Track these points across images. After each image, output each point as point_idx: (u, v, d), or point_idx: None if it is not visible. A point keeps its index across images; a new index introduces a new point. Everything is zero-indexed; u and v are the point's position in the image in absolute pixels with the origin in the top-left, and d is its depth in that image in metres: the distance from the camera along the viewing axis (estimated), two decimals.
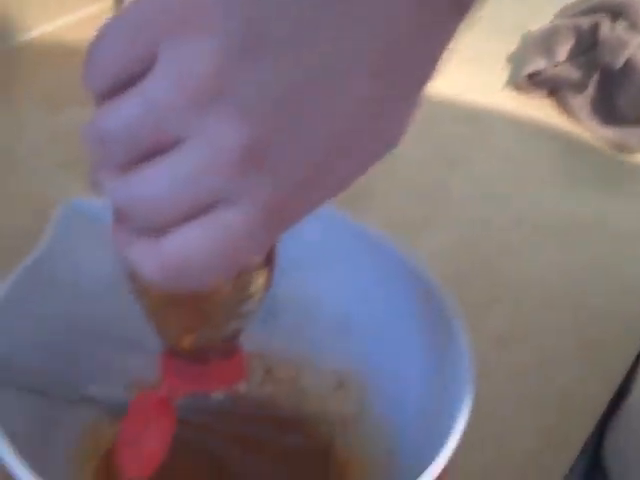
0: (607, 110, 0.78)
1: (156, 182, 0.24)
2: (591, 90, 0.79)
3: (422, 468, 0.31)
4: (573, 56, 0.80)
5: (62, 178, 0.56)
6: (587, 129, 0.78)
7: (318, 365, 0.47)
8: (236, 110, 0.23)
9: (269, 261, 0.32)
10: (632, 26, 0.76)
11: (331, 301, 0.45)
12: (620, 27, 0.77)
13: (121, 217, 0.27)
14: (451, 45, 0.26)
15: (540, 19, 0.85)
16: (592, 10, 0.80)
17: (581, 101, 0.79)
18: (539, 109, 0.81)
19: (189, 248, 0.25)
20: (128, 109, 0.24)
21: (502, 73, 0.85)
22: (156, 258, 0.25)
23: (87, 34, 0.26)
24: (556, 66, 0.80)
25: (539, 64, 0.81)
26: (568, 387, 0.55)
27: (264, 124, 0.23)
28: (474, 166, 0.74)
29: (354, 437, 0.45)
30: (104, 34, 0.25)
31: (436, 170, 0.72)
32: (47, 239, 0.39)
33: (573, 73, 0.79)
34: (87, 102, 0.61)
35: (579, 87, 0.79)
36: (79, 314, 0.41)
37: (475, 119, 0.80)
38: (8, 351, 0.34)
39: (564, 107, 0.80)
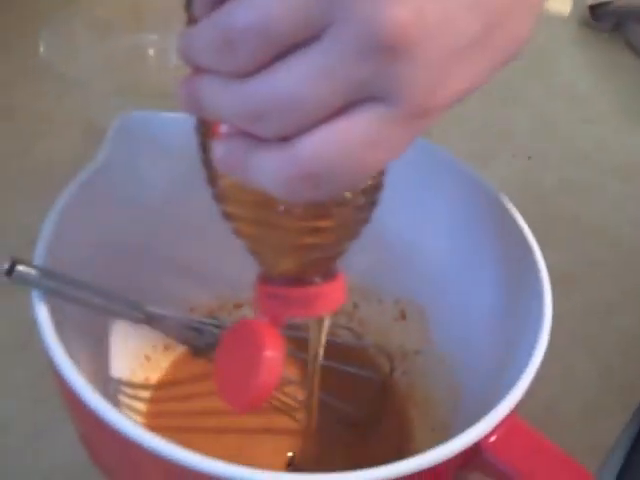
0: None
1: (295, 75, 0.22)
2: None
3: (487, 408, 0.30)
4: None
5: (115, 103, 0.55)
6: None
7: (378, 295, 0.45)
8: None
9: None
10: None
11: (396, 227, 0.43)
12: None
13: (233, 130, 0.24)
14: None
15: None
16: None
17: None
18: (603, 43, 0.78)
19: (330, 151, 0.22)
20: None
21: (565, 6, 0.82)
22: (289, 166, 0.23)
23: None
24: None
25: None
26: (633, 329, 0.53)
27: (415, 3, 0.21)
28: (534, 102, 0.71)
29: (414, 370, 0.44)
30: None
31: (496, 105, 0.70)
32: (104, 151, 0.37)
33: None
34: (139, 28, 0.60)
35: None
36: (137, 231, 0.40)
37: (536, 53, 0.76)
38: (68, 266, 0.33)
39: (629, 41, 0.77)
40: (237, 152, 0.24)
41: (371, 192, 0.29)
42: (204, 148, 0.29)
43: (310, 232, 0.28)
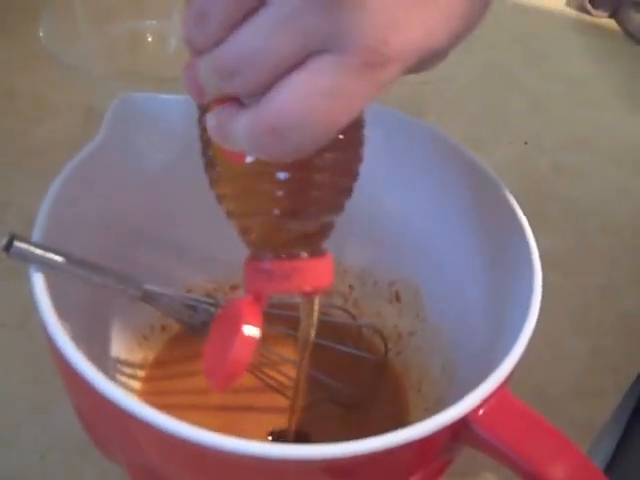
0: None
1: (255, 32, 0.24)
2: None
3: (478, 385, 0.31)
4: None
5: (114, 88, 0.55)
6: None
7: (374, 277, 0.46)
8: None
9: (360, 137, 0.31)
10: None
11: (390, 209, 0.43)
12: None
13: (220, 99, 0.26)
14: None
15: None
16: None
17: None
18: (600, 29, 0.78)
19: (289, 103, 0.24)
20: None
21: None
22: (256, 122, 0.24)
23: None
24: None
25: None
26: (626, 312, 0.53)
27: None
28: (531, 87, 0.71)
29: (409, 351, 0.44)
30: None
31: (492, 90, 0.70)
32: (103, 131, 0.38)
33: None
34: (138, 14, 0.60)
35: None
36: (135, 211, 0.40)
37: (534, 39, 0.77)
38: (66, 244, 0.33)
39: (626, 27, 0.77)
40: (223, 119, 0.26)
41: (346, 150, 0.30)
42: (203, 129, 0.31)
43: (293, 201, 0.29)
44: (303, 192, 0.29)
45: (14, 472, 0.40)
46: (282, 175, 0.28)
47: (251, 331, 0.29)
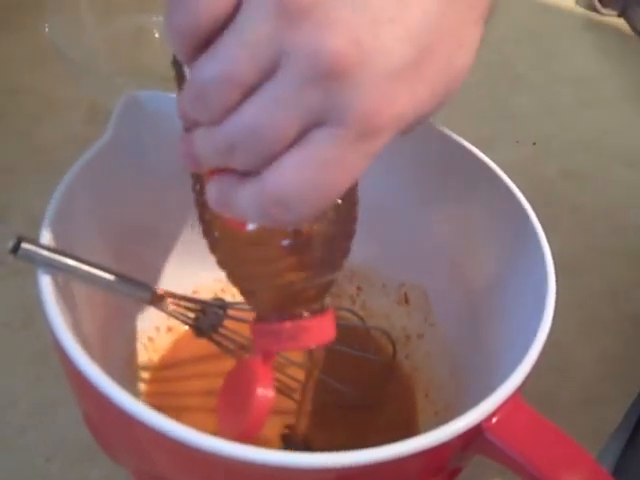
0: None
1: (254, 108, 0.25)
2: None
3: (489, 390, 0.30)
4: None
5: (119, 85, 0.54)
6: None
7: (382, 279, 0.45)
8: (325, 20, 0.24)
9: (354, 197, 0.33)
10: None
11: (398, 210, 0.43)
12: None
13: (222, 170, 0.27)
14: None
15: None
16: None
17: None
18: (610, 28, 0.78)
19: (290, 177, 0.25)
20: (224, 51, 0.25)
21: None
22: (260, 195, 0.26)
23: None
24: None
25: None
26: (636, 317, 0.53)
27: (350, 30, 0.24)
28: (540, 87, 0.71)
29: (417, 354, 0.44)
30: None
31: (501, 90, 0.70)
32: (110, 130, 0.37)
33: None
34: (144, 10, 0.60)
35: None
36: (142, 211, 0.40)
37: (543, 38, 0.76)
38: (73, 245, 0.33)
39: (635, 26, 0.77)
40: (225, 189, 0.27)
41: (343, 214, 0.32)
42: (198, 194, 0.32)
43: (293, 267, 0.30)
44: (304, 257, 0.30)
45: (19, 475, 0.40)
46: (284, 242, 0.30)
47: (265, 393, 0.31)
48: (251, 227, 0.29)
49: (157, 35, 0.64)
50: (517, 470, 0.30)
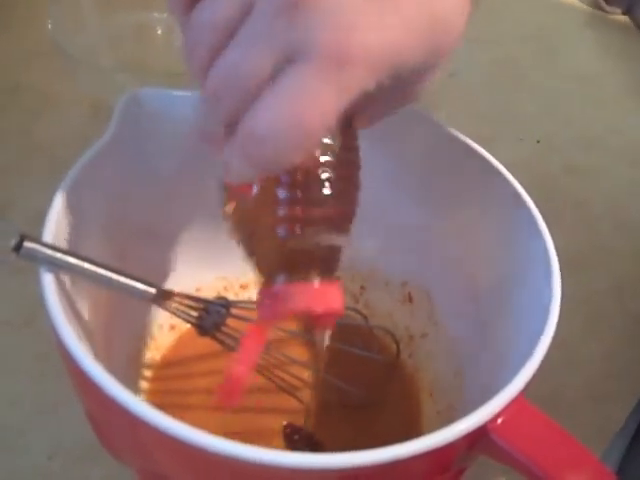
0: None
1: (232, 49, 0.25)
2: None
3: (493, 390, 0.30)
4: None
5: (122, 81, 0.54)
6: None
7: (385, 278, 0.45)
8: None
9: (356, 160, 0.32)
10: None
11: (402, 209, 0.43)
12: None
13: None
14: None
15: None
16: None
17: None
18: (614, 26, 0.77)
19: (266, 115, 0.25)
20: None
21: None
22: (241, 140, 0.26)
23: None
24: None
25: None
26: (639, 313, 0.53)
27: None
28: (544, 85, 0.71)
29: (421, 353, 0.44)
30: None
31: (504, 88, 0.70)
32: (112, 128, 0.37)
33: None
34: (145, 6, 0.59)
35: None
36: (145, 209, 0.40)
37: (547, 36, 0.76)
38: (76, 243, 0.32)
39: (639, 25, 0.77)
40: (227, 155, 0.27)
41: (344, 161, 0.31)
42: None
43: (296, 220, 0.30)
44: (305, 210, 0.30)
45: (21, 473, 0.40)
46: (282, 194, 0.29)
47: (238, 368, 0.31)
48: (255, 189, 0.29)
49: (159, 32, 0.64)
50: (522, 471, 0.29)
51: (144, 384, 0.41)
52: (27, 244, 0.30)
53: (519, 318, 0.36)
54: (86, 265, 0.32)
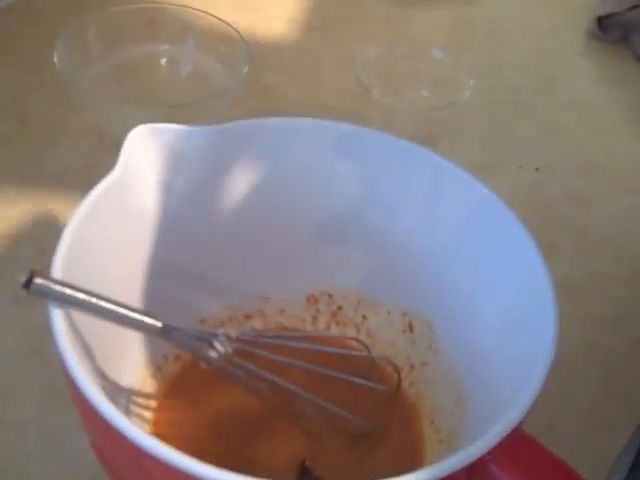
0: None
1: None
2: None
3: (493, 418, 0.31)
4: None
5: (127, 113, 0.55)
6: None
7: (387, 307, 0.46)
8: None
9: None
10: None
11: (402, 239, 0.44)
12: None
13: None
14: None
15: None
16: None
17: None
18: (611, 55, 0.79)
19: None
20: None
21: (572, 17, 0.82)
22: None
23: None
24: (629, 10, 0.77)
25: (611, 8, 0.78)
26: (637, 339, 0.53)
27: None
28: (542, 112, 0.72)
29: (422, 382, 0.44)
30: None
31: (502, 116, 0.71)
32: (119, 164, 0.38)
33: None
34: (150, 39, 0.61)
35: None
36: (151, 242, 0.40)
37: (544, 64, 0.77)
38: (83, 277, 0.33)
39: (636, 52, 0.78)
40: None
41: None
42: None
43: None
44: None
45: None
46: None
47: None
48: None
49: (164, 63, 0.65)
50: None
51: (149, 414, 0.42)
52: (37, 281, 0.31)
53: (519, 346, 0.36)
54: (94, 300, 0.33)
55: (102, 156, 0.39)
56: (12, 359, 0.47)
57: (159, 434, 0.40)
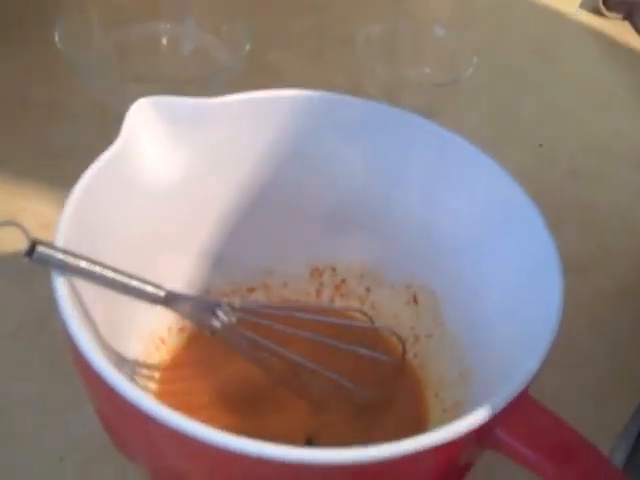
0: None
1: None
2: None
3: (498, 388, 0.30)
4: None
5: (129, 91, 0.55)
6: None
7: (391, 279, 0.46)
8: None
9: None
10: None
11: (408, 211, 0.43)
12: None
13: None
14: None
15: None
16: None
17: None
18: (614, 32, 0.78)
19: None
20: None
21: None
22: None
23: None
24: None
25: None
26: None
27: None
28: (545, 89, 0.71)
29: (426, 353, 0.44)
30: None
31: (506, 93, 0.70)
32: (122, 135, 0.38)
33: None
34: (152, 17, 0.60)
35: None
36: (155, 214, 0.40)
37: (547, 41, 0.77)
38: (86, 249, 0.33)
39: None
40: None
41: None
42: None
43: None
44: None
45: (34, 474, 0.41)
46: None
47: None
48: None
49: (166, 42, 0.65)
50: (528, 466, 0.30)
51: (153, 385, 0.42)
52: (40, 249, 0.31)
53: (524, 319, 0.36)
54: (97, 269, 0.32)
55: (104, 135, 0.38)
56: (16, 334, 0.47)
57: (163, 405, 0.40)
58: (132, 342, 0.41)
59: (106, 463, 0.41)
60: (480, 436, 0.29)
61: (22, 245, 0.32)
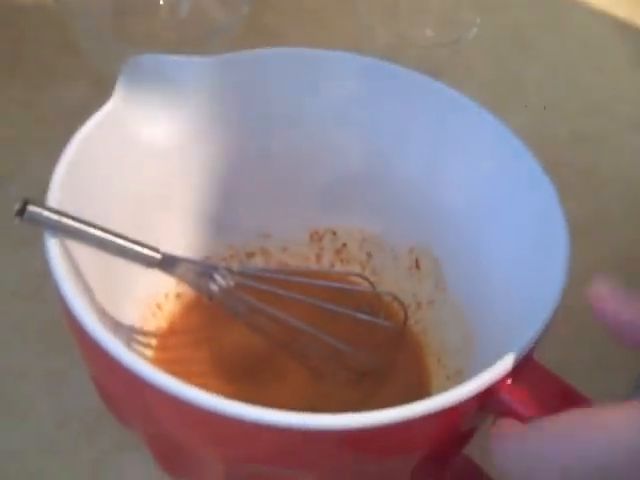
0: None
1: None
2: None
3: (501, 354, 0.30)
4: None
5: (124, 53, 0.54)
6: None
7: (392, 245, 0.45)
8: None
9: None
10: None
11: (409, 176, 0.42)
12: None
13: None
14: None
15: None
16: None
17: None
18: None
19: None
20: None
21: None
22: None
23: None
24: None
25: None
26: None
27: None
28: (549, 50, 0.70)
29: (428, 319, 0.44)
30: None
31: (508, 54, 0.69)
32: (116, 94, 0.37)
33: None
34: None
35: None
36: (150, 176, 0.39)
37: (550, 3, 0.75)
38: (81, 210, 0.32)
39: None
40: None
41: None
42: None
43: None
44: None
45: (31, 442, 0.40)
46: None
47: None
48: None
49: (161, 2, 0.63)
50: None
51: (150, 352, 0.41)
52: (31, 208, 0.30)
53: (528, 283, 0.35)
54: (91, 230, 0.32)
55: (98, 97, 0.37)
56: (12, 301, 0.46)
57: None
58: (128, 308, 0.40)
59: (104, 431, 0.40)
60: (483, 401, 0.29)
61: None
